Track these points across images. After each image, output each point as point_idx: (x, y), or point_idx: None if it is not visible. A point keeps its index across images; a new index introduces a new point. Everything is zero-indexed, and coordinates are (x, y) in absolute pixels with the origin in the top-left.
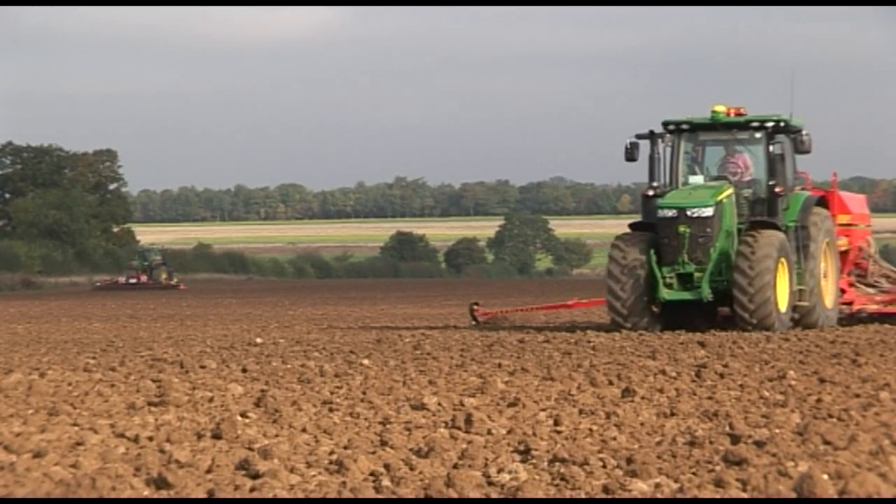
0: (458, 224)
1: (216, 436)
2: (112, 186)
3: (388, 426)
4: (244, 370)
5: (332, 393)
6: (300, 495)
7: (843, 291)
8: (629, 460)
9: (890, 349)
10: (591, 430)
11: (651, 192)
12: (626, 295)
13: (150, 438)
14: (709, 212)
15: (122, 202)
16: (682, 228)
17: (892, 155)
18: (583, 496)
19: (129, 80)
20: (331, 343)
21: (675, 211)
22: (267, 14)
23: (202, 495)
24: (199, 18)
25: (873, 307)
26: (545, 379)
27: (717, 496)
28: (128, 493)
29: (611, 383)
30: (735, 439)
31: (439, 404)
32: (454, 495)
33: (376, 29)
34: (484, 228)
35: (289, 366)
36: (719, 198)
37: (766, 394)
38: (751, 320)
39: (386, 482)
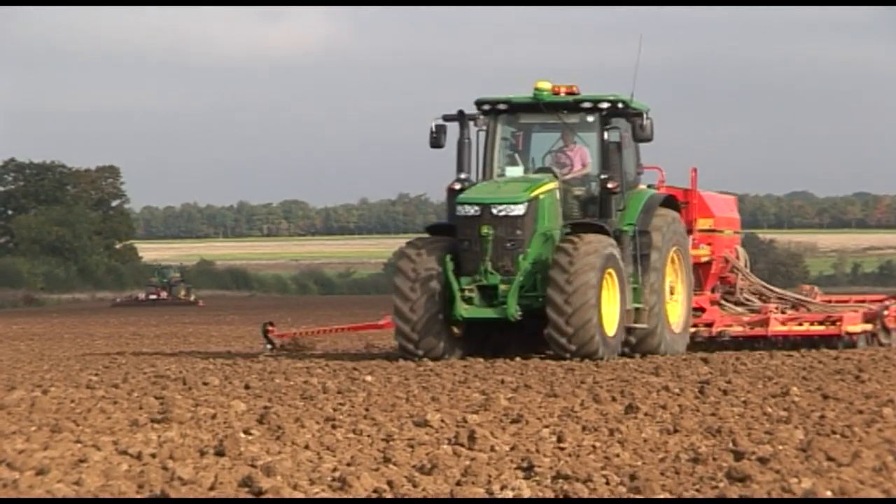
0: None
1: (219, 453)
2: (115, 203)
3: (391, 443)
4: (247, 387)
5: (334, 410)
6: None
7: (702, 310)
8: (632, 477)
9: (893, 365)
10: (594, 446)
11: (458, 186)
12: (417, 314)
13: (153, 455)
14: (519, 210)
15: (124, 219)
16: (485, 230)
17: (894, 171)
18: None
19: (131, 97)
20: (334, 359)
21: (477, 208)
22: (269, 30)
23: None
24: (202, 34)
25: (737, 329)
26: (548, 395)
27: None
28: None
29: (614, 400)
30: (738, 456)
31: (442, 421)
32: None
33: (379, 44)
34: None
35: (292, 382)
36: (534, 193)
37: (770, 410)
38: (568, 346)
39: (389, 499)
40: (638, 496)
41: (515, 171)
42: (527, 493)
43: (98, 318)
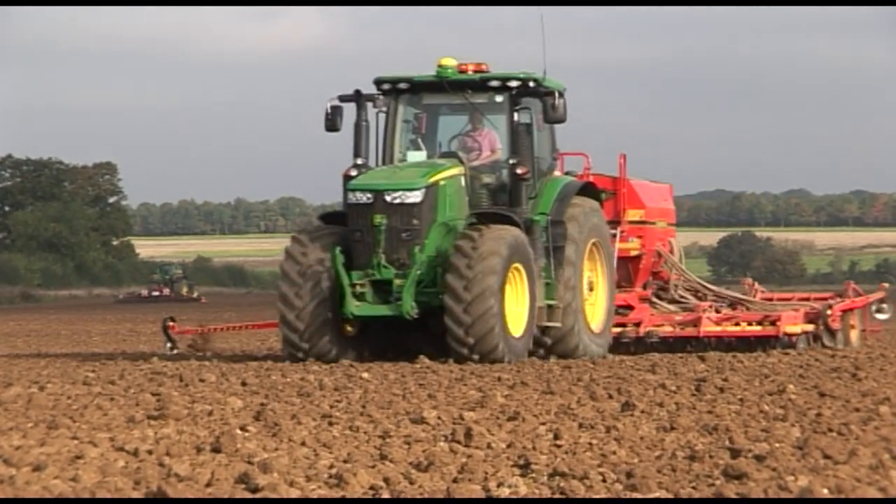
0: None
1: (215, 449)
2: (112, 199)
3: (387, 440)
4: (244, 383)
5: (331, 406)
6: None
7: (630, 308)
8: (629, 474)
9: (890, 363)
10: (590, 444)
11: (354, 172)
12: (304, 313)
13: (150, 452)
14: (415, 197)
15: (121, 215)
16: (378, 219)
17: (892, 169)
18: None
19: (128, 94)
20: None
21: (369, 195)
22: (266, 27)
23: None
24: (199, 32)
25: (667, 330)
26: (545, 393)
27: None
28: None
29: (610, 397)
30: (735, 453)
31: (439, 418)
32: None
33: (374, 40)
34: None
35: (288, 379)
36: (433, 180)
37: (766, 408)
38: (467, 347)
39: (386, 496)
40: (635, 494)
41: (418, 157)
42: (523, 491)
43: (95, 314)
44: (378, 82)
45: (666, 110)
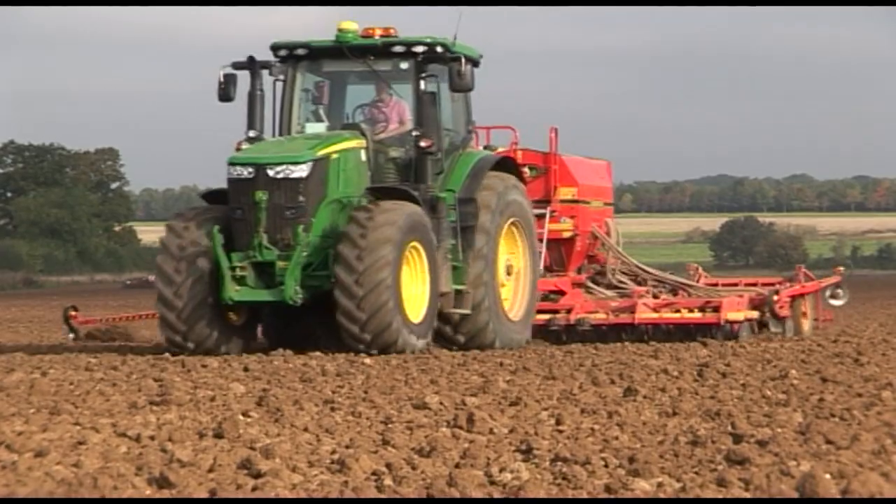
0: None
1: (218, 435)
2: (114, 185)
3: (389, 425)
4: (246, 369)
5: (333, 392)
6: (302, 495)
7: (561, 294)
8: (631, 460)
9: (892, 348)
10: (593, 429)
11: (246, 145)
12: (183, 300)
13: (152, 438)
14: (301, 171)
15: (123, 201)
16: (259, 195)
17: (894, 154)
18: (585, 496)
19: (130, 79)
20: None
21: (251, 169)
22: (268, 14)
23: (204, 495)
24: (201, 18)
25: (599, 317)
26: (547, 378)
27: (720, 496)
28: (129, 493)
29: (613, 382)
30: (737, 439)
31: (441, 403)
32: (456, 495)
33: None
34: None
35: (290, 365)
36: (324, 152)
37: (769, 393)
38: (361, 336)
39: (388, 482)
40: (637, 479)
41: (318, 128)
42: (525, 476)
43: (97, 300)
44: (274, 48)
45: (668, 96)
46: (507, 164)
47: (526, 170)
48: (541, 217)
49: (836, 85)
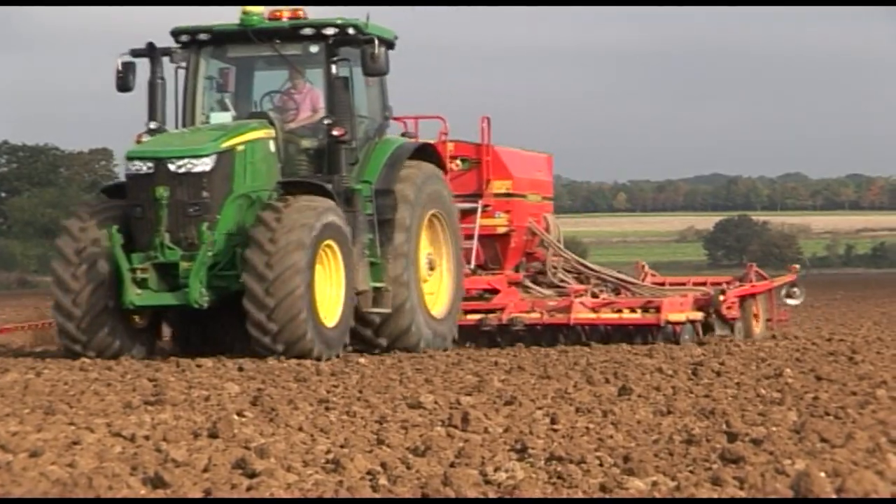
0: None
1: (212, 435)
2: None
3: (384, 425)
4: (240, 369)
5: (328, 392)
6: (297, 494)
7: (494, 292)
8: (626, 458)
9: (887, 346)
10: (587, 428)
11: (147, 138)
12: (81, 306)
13: (147, 437)
14: (205, 165)
15: None
16: (160, 192)
17: (888, 152)
18: (580, 495)
19: None
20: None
21: (150, 164)
22: None
23: (199, 495)
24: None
25: (534, 317)
26: (542, 377)
27: (715, 494)
28: (124, 493)
29: (607, 381)
30: (732, 437)
31: (436, 403)
32: (451, 494)
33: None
34: None
35: (285, 364)
36: (229, 144)
37: (763, 392)
38: (273, 347)
39: (383, 481)
40: (632, 478)
41: (223, 118)
42: (520, 475)
43: None
44: (175, 33)
45: (662, 95)
46: (426, 153)
47: (458, 162)
48: (472, 212)
49: (830, 83)
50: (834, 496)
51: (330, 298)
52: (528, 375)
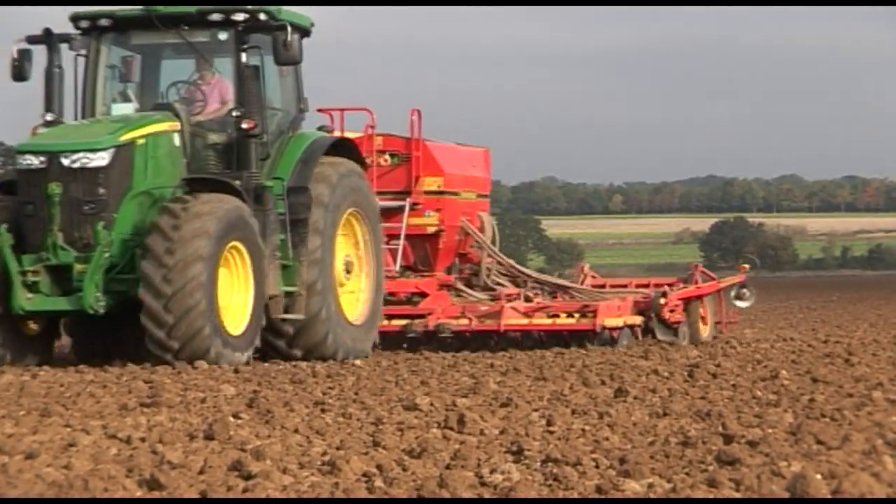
0: None
1: (208, 437)
2: None
3: (380, 427)
4: (236, 371)
5: (324, 394)
6: (293, 496)
7: (422, 296)
8: (622, 460)
9: (883, 348)
10: (583, 430)
11: (43, 130)
12: None
13: (143, 439)
14: (101, 159)
15: None
16: (52, 188)
17: (884, 154)
18: (576, 496)
19: None
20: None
21: (43, 158)
22: None
23: (195, 496)
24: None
25: (462, 323)
26: (537, 379)
27: (711, 496)
28: (120, 495)
29: (603, 383)
30: (728, 439)
31: (432, 405)
32: (447, 496)
33: (365, 28)
34: None
35: (281, 366)
36: (127, 137)
37: (759, 393)
38: (168, 343)
39: (379, 483)
40: (628, 480)
41: (126, 110)
42: (516, 477)
43: None
44: (74, 18)
45: (657, 96)
46: (345, 147)
47: (386, 157)
48: (400, 210)
49: (826, 85)
50: (830, 498)
51: (236, 305)
52: (524, 377)
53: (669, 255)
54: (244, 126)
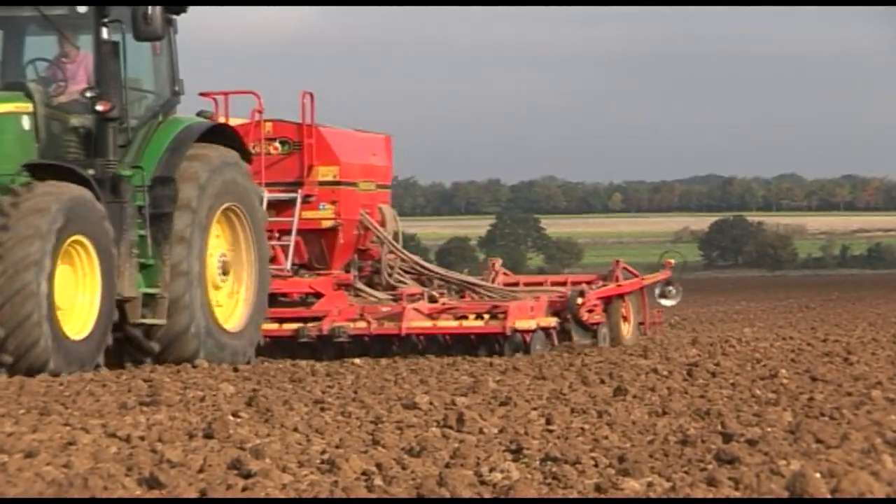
0: (450, 223)
1: (208, 435)
2: None
3: (379, 425)
4: (235, 369)
5: (323, 392)
6: (292, 495)
7: (318, 296)
8: (621, 459)
9: (882, 347)
10: (582, 428)
11: None
12: None
13: (142, 438)
14: None
15: None
16: None
17: (883, 153)
18: (575, 495)
19: None
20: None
21: None
22: (253, 13)
23: (194, 495)
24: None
25: (359, 326)
26: (537, 378)
27: (710, 495)
28: (120, 493)
29: (602, 382)
30: (727, 438)
31: (431, 403)
32: (446, 494)
33: (364, 27)
34: (475, 227)
35: (280, 365)
36: None
37: (758, 392)
38: (3, 360)
39: (378, 481)
40: (627, 478)
41: None
42: (515, 475)
43: None
44: None
45: (657, 95)
46: (223, 135)
47: (276, 144)
48: (292, 203)
49: (825, 84)
50: (829, 497)
51: (80, 307)
52: (523, 376)
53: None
54: (99, 108)
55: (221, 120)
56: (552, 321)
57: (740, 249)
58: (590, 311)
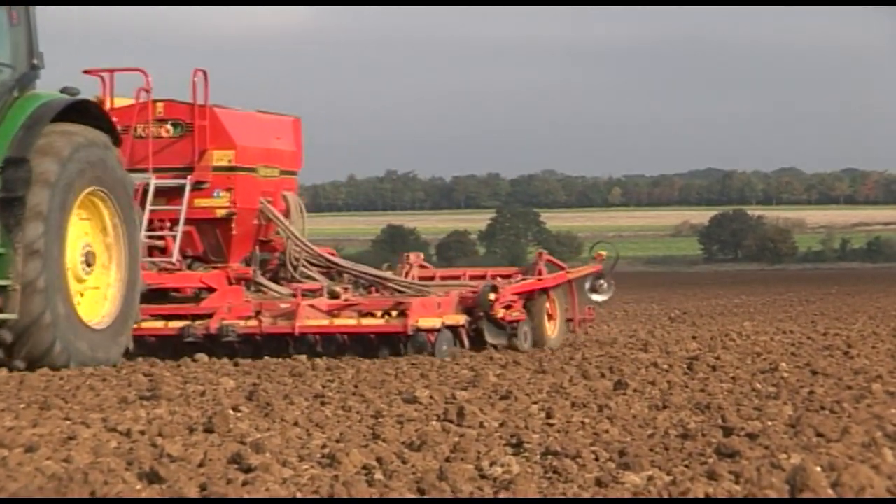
0: (449, 217)
1: (208, 430)
2: None
3: (380, 419)
4: (236, 364)
5: (323, 386)
6: (293, 489)
7: (209, 290)
8: (622, 453)
9: (882, 341)
10: (583, 422)
11: None
12: None
13: (142, 432)
14: None
15: None
16: None
17: (883, 147)
18: (575, 489)
19: None
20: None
21: None
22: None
23: (195, 489)
24: (190, 16)
25: (250, 325)
26: (537, 372)
27: (710, 489)
28: (120, 488)
29: (603, 376)
30: (727, 432)
31: (431, 397)
32: (447, 488)
33: (365, 22)
34: (475, 221)
35: (280, 359)
36: None
37: (759, 386)
38: None
39: (378, 476)
40: (627, 472)
41: None
42: (516, 469)
43: None
44: None
45: (657, 90)
46: (89, 113)
47: (168, 126)
48: (181, 190)
49: (824, 78)
50: (829, 490)
51: None
52: (524, 370)
53: (668, 248)
54: None
55: (108, 102)
56: (461, 319)
57: (740, 243)
58: (506, 308)
